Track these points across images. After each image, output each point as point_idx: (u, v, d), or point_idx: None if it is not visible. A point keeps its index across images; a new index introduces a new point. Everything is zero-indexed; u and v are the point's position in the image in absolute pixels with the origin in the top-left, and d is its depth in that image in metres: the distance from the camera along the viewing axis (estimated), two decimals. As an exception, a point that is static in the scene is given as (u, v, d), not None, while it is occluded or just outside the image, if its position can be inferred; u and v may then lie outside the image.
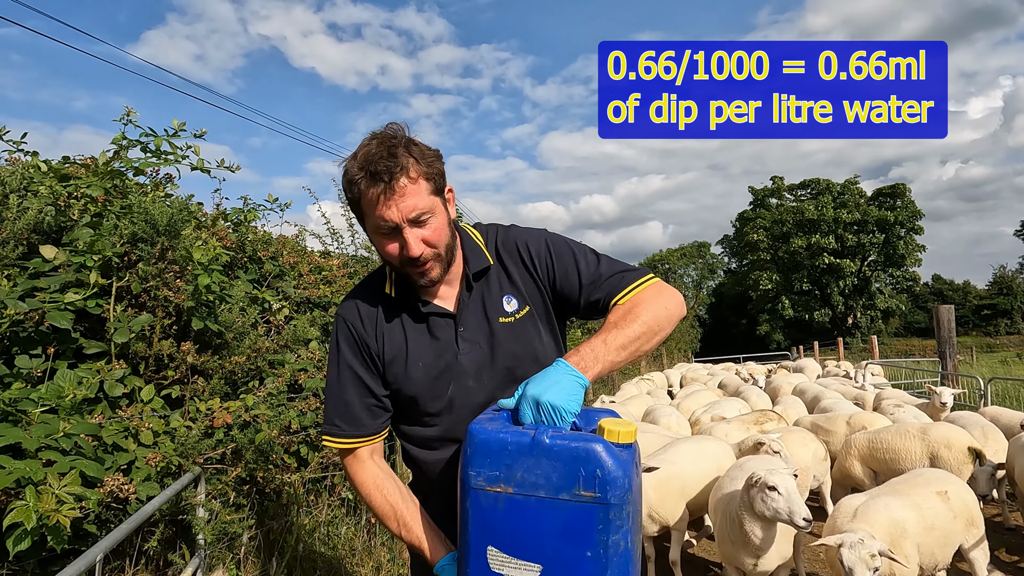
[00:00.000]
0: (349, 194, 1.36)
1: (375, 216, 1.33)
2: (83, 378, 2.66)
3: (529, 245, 1.52)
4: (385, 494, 1.45)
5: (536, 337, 1.48)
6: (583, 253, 1.51)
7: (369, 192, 1.31)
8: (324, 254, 6.77)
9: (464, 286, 1.47)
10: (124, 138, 3.76)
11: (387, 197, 1.30)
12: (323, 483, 3.74)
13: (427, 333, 1.46)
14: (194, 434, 2.73)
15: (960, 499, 3.20)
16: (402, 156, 1.31)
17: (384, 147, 1.31)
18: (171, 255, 3.16)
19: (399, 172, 1.29)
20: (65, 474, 2.14)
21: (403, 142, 1.34)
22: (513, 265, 1.51)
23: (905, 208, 43.34)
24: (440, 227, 1.38)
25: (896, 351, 33.26)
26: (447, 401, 1.45)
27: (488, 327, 1.46)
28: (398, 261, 1.37)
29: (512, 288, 1.50)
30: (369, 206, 1.33)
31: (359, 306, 1.51)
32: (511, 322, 1.47)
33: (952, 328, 10.36)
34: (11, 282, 2.75)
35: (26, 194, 3.19)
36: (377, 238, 1.38)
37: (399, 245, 1.35)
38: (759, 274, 45.74)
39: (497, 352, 1.45)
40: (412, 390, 1.45)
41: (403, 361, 1.45)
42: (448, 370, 1.44)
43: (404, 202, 1.31)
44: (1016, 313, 53.13)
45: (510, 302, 1.48)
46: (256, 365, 3.56)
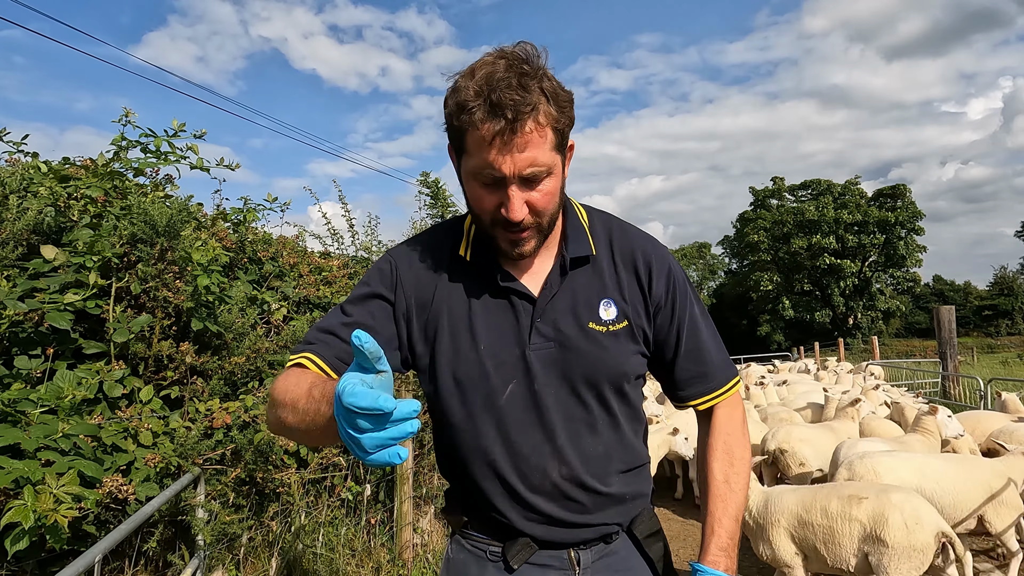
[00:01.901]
0: (454, 120, 1.07)
1: (482, 158, 1.06)
2: (82, 379, 2.67)
3: (652, 259, 1.26)
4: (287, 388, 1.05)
5: (628, 358, 1.23)
6: (700, 311, 1.29)
7: (483, 127, 1.03)
8: (324, 255, 6.77)
9: (557, 269, 1.22)
10: (123, 139, 3.77)
11: (505, 141, 1.03)
12: (323, 484, 3.74)
13: (497, 312, 1.20)
14: (193, 435, 2.73)
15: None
16: (535, 92, 1.03)
17: (515, 73, 1.03)
18: (171, 256, 3.17)
19: (528, 112, 1.02)
20: (63, 474, 2.14)
21: (539, 73, 1.06)
22: (624, 268, 1.25)
23: (906, 209, 43.32)
24: (552, 191, 1.12)
25: (897, 352, 33.24)
26: (504, 402, 1.19)
27: (574, 326, 1.20)
28: (490, 218, 1.13)
29: (616, 293, 1.23)
30: (477, 144, 1.05)
31: (419, 251, 1.25)
32: (603, 332, 1.20)
33: (953, 329, 10.36)
34: (11, 283, 2.75)
35: (26, 195, 3.20)
36: (472, 184, 1.11)
37: (498, 201, 1.10)
38: (760, 275, 45.71)
39: (577, 358, 1.19)
40: (461, 372, 1.19)
41: (461, 336, 1.19)
42: (513, 365, 1.19)
43: (524, 153, 1.05)
44: (1017, 314, 53.08)
45: (608, 308, 1.22)
46: (255, 366, 3.56)
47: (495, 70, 1.04)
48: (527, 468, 1.20)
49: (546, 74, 1.08)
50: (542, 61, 1.09)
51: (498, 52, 1.08)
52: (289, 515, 3.41)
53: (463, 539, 1.31)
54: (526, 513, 1.22)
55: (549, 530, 1.23)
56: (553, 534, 1.23)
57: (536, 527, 1.23)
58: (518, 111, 1.02)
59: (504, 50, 1.09)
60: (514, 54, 1.07)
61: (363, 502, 3.91)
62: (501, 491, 1.22)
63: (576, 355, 1.19)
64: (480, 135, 1.04)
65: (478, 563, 1.27)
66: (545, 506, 1.21)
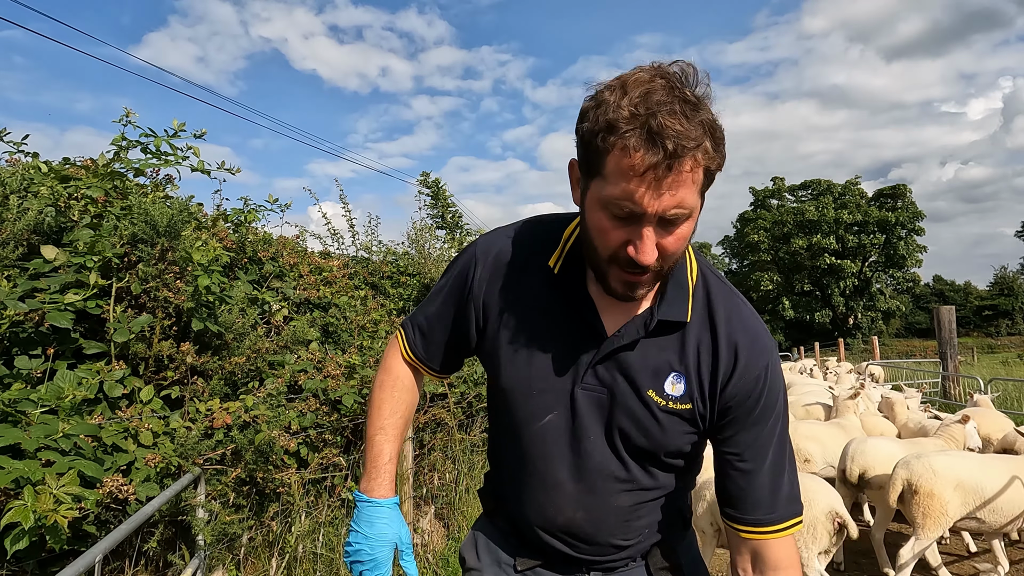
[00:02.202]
0: (597, 139, 0.92)
1: (623, 189, 0.91)
2: (83, 379, 2.67)
3: (745, 355, 1.10)
4: (395, 396, 1.29)
5: (679, 439, 1.14)
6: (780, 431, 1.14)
7: (635, 155, 0.88)
8: (324, 255, 6.77)
9: (641, 322, 1.10)
10: (124, 139, 3.77)
11: (657, 176, 0.89)
12: (323, 484, 3.74)
13: (563, 338, 1.12)
14: (194, 435, 2.73)
15: None
16: (698, 125, 0.89)
17: (677, 99, 0.89)
18: (171, 256, 3.17)
19: (690, 149, 0.88)
20: (64, 474, 2.14)
21: (703, 103, 0.92)
22: (711, 349, 1.11)
23: (906, 209, 43.34)
24: (686, 236, 0.99)
25: (897, 352, 33.24)
26: (537, 430, 1.15)
27: (633, 388, 1.10)
28: (608, 251, 1.00)
29: (692, 371, 1.11)
30: (621, 172, 0.91)
31: (501, 250, 1.19)
32: (661, 405, 1.11)
33: (953, 329, 10.36)
34: (11, 283, 2.75)
35: (26, 195, 3.20)
36: (600, 212, 0.97)
37: (626, 237, 0.96)
38: (760, 275, 45.72)
39: (623, 420, 1.11)
40: (508, 384, 1.16)
41: (517, 349, 1.14)
42: (557, 396, 1.13)
43: (674, 192, 0.91)
44: (1017, 314, 53.08)
45: (677, 384, 1.11)
46: (256, 366, 3.56)
47: (653, 89, 0.90)
48: (544, 499, 1.19)
49: (708, 105, 0.93)
50: (705, 89, 0.94)
51: (655, 69, 0.94)
52: (289, 515, 3.41)
53: (489, 523, 1.35)
54: (534, 538, 1.24)
55: (553, 559, 1.25)
56: (558, 565, 1.25)
57: (544, 551, 1.25)
58: (680, 145, 0.87)
59: (662, 68, 0.94)
60: (675, 75, 0.93)
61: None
62: (520, 509, 1.24)
63: (624, 414, 1.12)
64: (630, 163, 0.89)
65: (499, 547, 1.31)
66: (552, 540, 1.21)
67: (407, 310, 6.52)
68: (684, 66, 0.95)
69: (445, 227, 13.47)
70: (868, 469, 3.88)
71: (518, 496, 1.23)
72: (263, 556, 3.22)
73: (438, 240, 8.28)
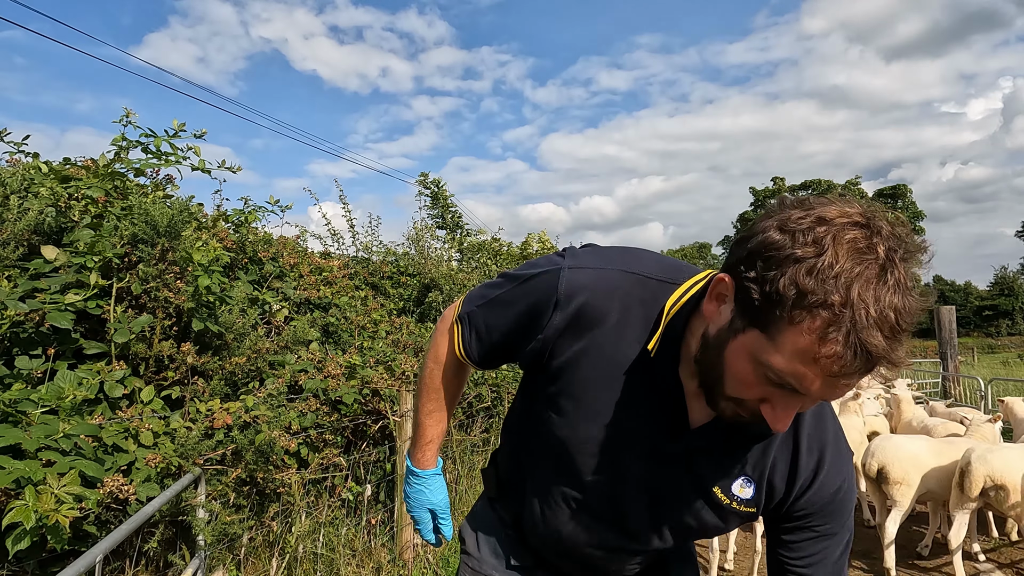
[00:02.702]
0: (787, 304, 0.77)
1: (797, 370, 0.80)
2: (83, 379, 2.67)
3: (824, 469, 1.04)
4: (445, 383, 1.32)
5: (729, 526, 1.13)
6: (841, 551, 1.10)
7: (831, 354, 0.75)
8: (325, 255, 6.78)
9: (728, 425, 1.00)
10: (124, 139, 3.77)
11: (842, 376, 0.78)
12: (323, 484, 3.74)
13: (640, 412, 1.04)
14: (194, 435, 2.73)
15: None
16: (904, 348, 0.78)
17: (903, 296, 0.75)
18: (171, 256, 3.17)
19: (891, 363, 0.77)
20: (64, 474, 2.14)
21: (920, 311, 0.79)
22: (785, 462, 1.04)
23: (906, 209, 43.34)
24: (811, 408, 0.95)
25: (897, 352, 33.18)
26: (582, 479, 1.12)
27: (697, 479, 1.05)
28: (734, 411, 0.92)
29: (764, 478, 1.05)
30: (802, 353, 0.78)
31: (589, 301, 1.03)
32: (725, 503, 1.05)
33: (953, 329, 10.36)
34: (11, 283, 2.75)
35: (27, 195, 3.20)
36: (749, 364, 0.85)
37: (764, 396, 0.87)
38: (760, 275, 45.76)
39: (677, 507, 1.08)
40: (563, 435, 1.10)
41: (585, 408, 1.06)
42: (613, 464, 1.07)
43: (845, 389, 0.82)
44: (1017, 314, 53.08)
45: (746, 488, 1.05)
46: (256, 366, 3.56)
47: (871, 278, 0.75)
48: (558, 528, 1.23)
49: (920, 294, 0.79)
50: (919, 268, 0.80)
51: (872, 233, 0.78)
52: (290, 515, 3.41)
53: (490, 508, 1.42)
54: (536, 545, 1.32)
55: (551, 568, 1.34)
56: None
57: (542, 557, 1.33)
58: (880, 360, 0.76)
59: (882, 234, 0.78)
60: (894, 253, 0.77)
61: (363, 502, 3.91)
62: (528, 518, 1.28)
63: (679, 502, 1.08)
64: (818, 353, 0.76)
65: (497, 533, 1.39)
66: (550, 558, 1.31)
67: (407, 310, 6.52)
68: (903, 234, 0.80)
69: (445, 227, 13.48)
70: (886, 465, 3.92)
71: (532, 511, 1.26)
72: (263, 556, 3.22)
73: (438, 240, 8.28)
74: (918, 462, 3.90)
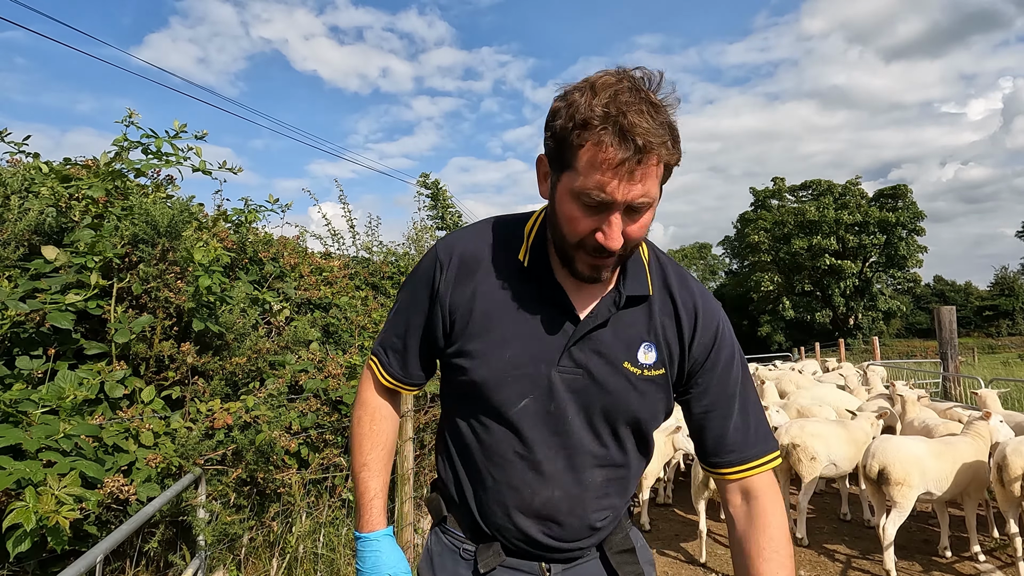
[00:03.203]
0: (570, 135, 1.01)
1: (595, 180, 1.00)
2: (84, 379, 2.67)
3: (702, 314, 1.22)
4: (375, 428, 1.30)
5: (655, 405, 1.22)
6: (743, 377, 1.25)
7: (607, 150, 0.97)
8: (325, 255, 6.78)
9: (610, 300, 1.18)
10: (125, 139, 3.77)
11: (628, 169, 0.98)
12: (323, 484, 3.74)
13: (534, 324, 1.17)
14: (194, 435, 2.73)
15: None
16: (662, 125, 0.99)
17: (643, 100, 0.99)
18: (172, 256, 3.17)
19: (657, 147, 0.98)
20: (65, 475, 2.14)
21: (664, 104, 1.02)
22: (672, 316, 1.22)
23: (907, 209, 43.31)
24: (647, 224, 1.10)
25: (898, 352, 33.22)
26: (514, 414, 1.18)
27: (608, 361, 1.17)
28: (577, 238, 1.08)
29: (660, 339, 1.20)
30: (594, 165, 0.99)
31: (464, 250, 1.22)
32: (637, 374, 1.18)
33: (954, 329, 10.35)
34: (12, 283, 2.75)
35: (27, 195, 3.20)
36: (571, 203, 1.06)
37: (595, 226, 1.05)
38: (760, 275, 45.71)
39: (602, 393, 1.18)
40: (481, 376, 1.18)
41: (490, 340, 1.17)
42: (533, 380, 1.16)
43: (642, 184, 1.00)
44: (1018, 314, 53.07)
45: (648, 352, 1.19)
46: (257, 366, 3.56)
47: (624, 95, 0.98)
48: (520, 481, 1.20)
49: (668, 109, 1.02)
50: (667, 94, 1.03)
51: (620, 72, 1.03)
52: (290, 515, 3.41)
53: (441, 534, 1.33)
54: (505, 524, 1.23)
55: (523, 546, 1.24)
56: (526, 551, 1.25)
57: (511, 540, 1.24)
58: (647, 141, 0.97)
59: (628, 72, 1.03)
60: (639, 79, 1.02)
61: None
62: (488, 497, 1.23)
63: (602, 391, 1.17)
64: (603, 157, 0.98)
65: (453, 558, 1.29)
66: (525, 523, 1.22)
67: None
68: (647, 72, 1.04)
69: (445, 228, 13.47)
70: (887, 466, 3.91)
71: (489, 486, 1.23)
72: (264, 556, 3.21)
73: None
74: (919, 464, 3.89)
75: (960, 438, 4.24)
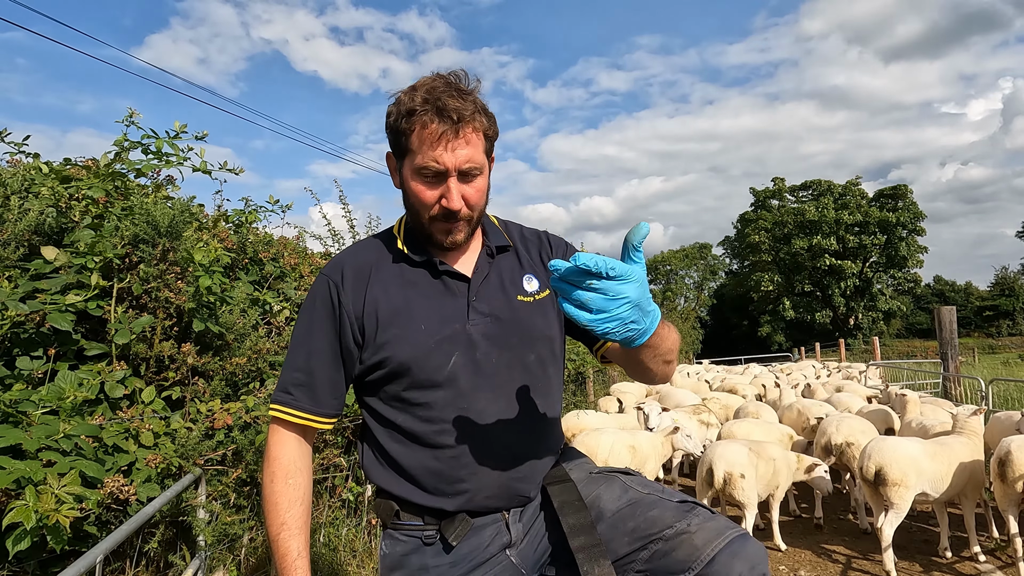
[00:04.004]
0: (401, 123, 1.24)
1: (427, 154, 1.22)
2: (84, 379, 2.67)
3: (551, 239, 1.51)
4: (289, 485, 1.29)
5: (553, 323, 1.41)
6: None
7: (429, 127, 1.21)
8: (325, 255, 6.77)
9: (484, 255, 1.40)
10: (126, 139, 3.77)
11: (448, 139, 1.21)
12: (324, 484, 3.74)
13: (434, 296, 1.33)
14: (195, 435, 2.74)
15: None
16: (471, 103, 1.24)
17: (454, 88, 1.24)
18: (172, 256, 3.17)
19: (468, 118, 1.22)
20: (65, 475, 2.14)
21: (472, 91, 1.27)
22: (534, 251, 1.48)
23: (907, 209, 43.31)
24: (482, 189, 1.31)
25: (898, 352, 33.21)
26: (448, 373, 1.28)
27: (505, 301, 1.36)
28: (429, 212, 1.28)
29: (534, 269, 1.44)
30: (422, 142, 1.22)
31: (350, 264, 1.36)
32: (530, 301, 1.39)
33: (954, 329, 10.34)
34: (12, 283, 2.75)
35: (27, 196, 3.20)
36: (415, 181, 1.27)
37: (439, 194, 1.26)
38: (760, 275, 45.72)
39: (512, 328, 1.34)
40: (406, 354, 1.27)
41: (402, 322, 1.30)
42: (453, 338, 1.29)
43: (463, 150, 1.23)
44: (1018, 314, 53.05)
45: (531, 282, 1.42)
46: (257, 366, 3.56)
47: (437, 84, 1.24)
48: (474, 432, 1.29)
49: (476, 94, 1.28)
50: (475, 85, 1.29)
51: (435, 74, 1.28)
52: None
53: (395, 531, 1.34)
54: (472, 486, 1.28)
55: (489, 501, 1.30)
56: (490, 507, 1.31)
57: (478, 498, 1.29)
58: (461, 115, 1.21)
59: (440, 73, 1.28)
60: (451, 75, 1.28)
61: (364, 503, 3.91)
62: (446, 467, 1.28)
63: (510, 325, 1.35)
64: (427, 134, 1.22)
65: (416, 551, 1.31)
66: (491, 474, 1.30)
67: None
68: (458, 71, 1.29)
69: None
70: (884, 466, 3.89)
71: (446, 457, 1.29)
72: (264, 557, 3.22)
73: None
74: (916, 464, 3.88)
75: (955, 437, 4.23)
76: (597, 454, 4.49)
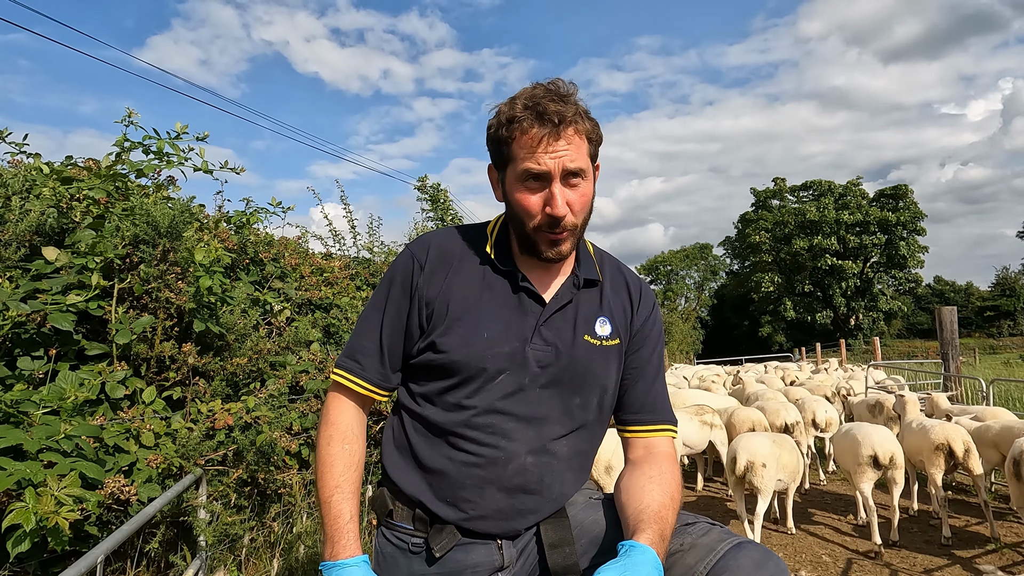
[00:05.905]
0: (502, 133, 1.23)
1: (530, 158, 1.20)
2: (85, 380, 2.67)
3: (642, 293, 1.45)
4: (345, 450, 1.30)
5: (613, 373, 1.36)
6: (661, 356, 1.45)
7: (531, 131, 1.19)
8: (326, 256, 6.78)
9: (570, 283, 1.36)
10: (126, 139, 3.77)
11: (550, 141, 1.19)
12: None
13: (507, 308, 1.31)
14: (195, 436, 2.74)
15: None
16: (572, 107, 1.22)
17: (554, 93, 1.22)
18: (173, 257, 3.17)
19: (570, 119, 1.20)
20: (65, 475, 2.14)
21: (572, 96, 1.25)
22: (620, 295, 1.42)
23: (907, 209, 43.27)
24: (587, 195, 1.27)
25: (899, 352, 33.20)
26: (491, 387, 1.27)
27: (572, 336, 1.32)
28: (533, 221, 1.24)
29: (612, 314, 1.38)
30: (524, 147, 1.20)
31: (437, 245, 1.35)
32: (597, 345, 1.34)
33: (954, 329, 10.33)
34: (13, 284, 2.76)
35: (28, 196, 3.20)
36: (518, 188, 1.24)
37: (543, 201, 1.22)
38: (761, 276, 45.69)
39: (568, 365, 1.30)
40: (461, 355, 1.26)
41: (469, 322, 1.28)
42: (511, 356, 1.27)
43: (567, 152, 1.20)
44: (1019, 314, 53.00)
45: (604, 325, 1.36)
46: (257, 367, 3.56)
47: (537, 92, 1.23)
48: (494, 452, 1.26)
49: (577, 98, 1.26)
50: (574, 91, 1.27)
51: (534, 84, 1.27)
52: (291, 516, 3.41)
53: (387, 530, 1.34)
54: (473, 498, 1.26)
55: (485, 523, 1.27)
56: (485, 531, 1.27)
57: (475, 515, 1.26)
58: (562, 117, 1.19)
59: (539, 82, 1.27)
60: (548, 83, 1.26)
61: (364, 503, 3.91)
62: (455, 474, 1.26)
63: (567, 361, 1.31)
64: (528, 139, 1.20)
65: (404, 556, 1.30)
66: (496, 495, 1.26)
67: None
68: (556, 79, 1.28)
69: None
70: (894, 453, 4.27)
71: (458, 461, 1.26)
72: (264, 557, 3.22)
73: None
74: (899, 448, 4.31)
75: (933, 420, 4.59)
76: (601, 455, 4.53)
